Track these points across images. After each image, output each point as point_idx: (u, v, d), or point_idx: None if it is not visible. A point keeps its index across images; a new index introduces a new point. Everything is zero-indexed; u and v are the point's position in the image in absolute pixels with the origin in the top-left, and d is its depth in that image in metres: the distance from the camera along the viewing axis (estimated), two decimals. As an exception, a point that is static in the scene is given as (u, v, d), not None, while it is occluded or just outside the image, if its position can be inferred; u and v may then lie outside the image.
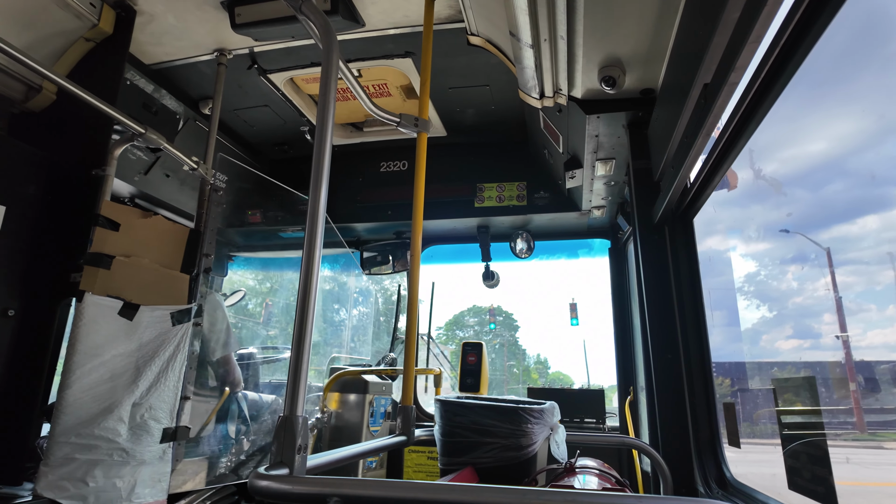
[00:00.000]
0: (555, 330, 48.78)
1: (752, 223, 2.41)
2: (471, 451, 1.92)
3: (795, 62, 1.39)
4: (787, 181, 2.20)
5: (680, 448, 2.29)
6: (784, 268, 2.55)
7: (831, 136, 1.88)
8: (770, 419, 2.52)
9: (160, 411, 2.43)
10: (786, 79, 1.45)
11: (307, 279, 1.40)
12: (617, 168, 3.08)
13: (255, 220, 4.35)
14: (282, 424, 1.21)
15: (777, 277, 2.75)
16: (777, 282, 2.80)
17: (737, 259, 2.96)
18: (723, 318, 2.53)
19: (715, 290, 2.43)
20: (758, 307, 3.36)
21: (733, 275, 2.87)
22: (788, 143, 1.91)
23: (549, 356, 40.04)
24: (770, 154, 1.82)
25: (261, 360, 4.24)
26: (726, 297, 2.64)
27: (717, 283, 2.52)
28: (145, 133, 2.48)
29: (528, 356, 35.87)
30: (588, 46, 2.21)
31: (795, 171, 2.34)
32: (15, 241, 2.27)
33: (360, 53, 3.02)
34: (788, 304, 2.69)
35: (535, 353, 41.40)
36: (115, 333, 2.34)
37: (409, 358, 2.15)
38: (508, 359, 34.32)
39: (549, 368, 35.39)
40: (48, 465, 2.09)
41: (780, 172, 2.14)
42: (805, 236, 2.12)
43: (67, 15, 2.51)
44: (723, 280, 2.67)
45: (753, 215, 2.34)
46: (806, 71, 1.44)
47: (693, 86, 1.70)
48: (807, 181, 2.44)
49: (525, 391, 3.93)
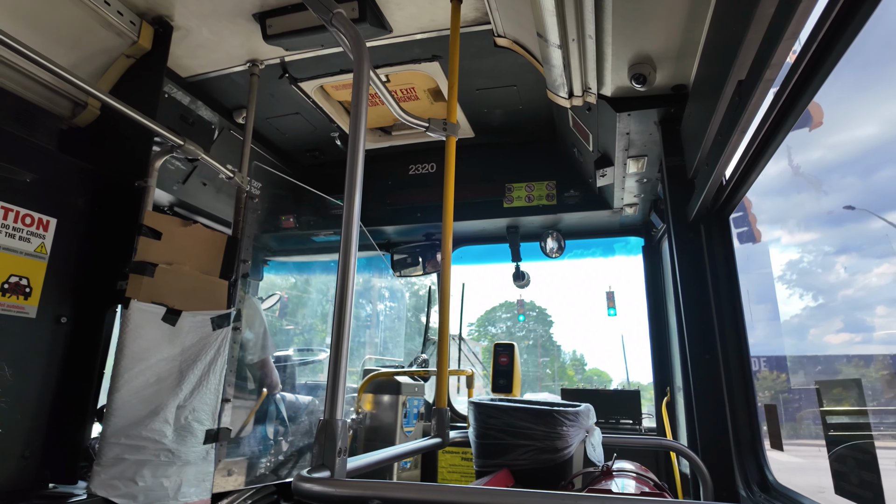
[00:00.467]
0: (591, 326, 47.66)
1: (799, 209, 2.33)
2: (506, 454, 1.92)
3: (836, 54, 1.34)
4: (834, 168, 2.12)
5: (720, 450, 2.24)
6: (835, 256, 2.44)
7: (883, 118, 1.79)
8: (813, 421, 2.44)
9: (203, 413, 2.51)
10: (826, 71, 1.41)
11: (343, 284, 1.43)
12: (649, 165, 3.03)
13: (288, 225, 4.44)
14: (322, 428, 1.24)
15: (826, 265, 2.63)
16: (826, 270, 2.68)
17: (781, 247, 2.86)
18: (763, 311, 2.47)
19: (756, 280, 2.37)
20: (802, 297, 3.22)
21: (772, 265, 2.80)
22: (835, 129, 1.84)
23: (585, 353, 37.95)
24: (815, 140, 1.76)
25: (297, 363, 4.33)
26: (766, 286, 2.58)
27: (760, 274, 2.45)
28: (184, 144, 2.57)
29: (563, 352, 34.83)
30: (617, 45, 2.19)
31: (843, 158, 2.24)
32: (66, 251, 2.38)
33: (387, 59, 3.06)
34: (838, 296, 2.59)
35: (570, 349, 39.93)
36: (160, 338, 2.43)
37: (442, 360, 2.16)
38: (542, 355, 33.52)
39: (585, 365, 34.09)
40: (100, 464, 2.19)
41: (827, 159, 2.07)
42: (877, 215, 2.01)
43: (109, 34, 2.62)
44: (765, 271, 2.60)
45: (799, 202, 2.26)
46: (853, 54, 1.37)
47: (727, 82, 1.67)
48: (856, 167, 2.33)
49: (559, 389, 3.91)
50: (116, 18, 2.58)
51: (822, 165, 2.10)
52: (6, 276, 2.18)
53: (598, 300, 18.57)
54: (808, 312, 2.69)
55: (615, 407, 3.88)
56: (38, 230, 2.30)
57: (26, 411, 2.21)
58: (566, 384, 30.56)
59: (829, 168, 2.10)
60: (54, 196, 2.35)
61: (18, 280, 2.22)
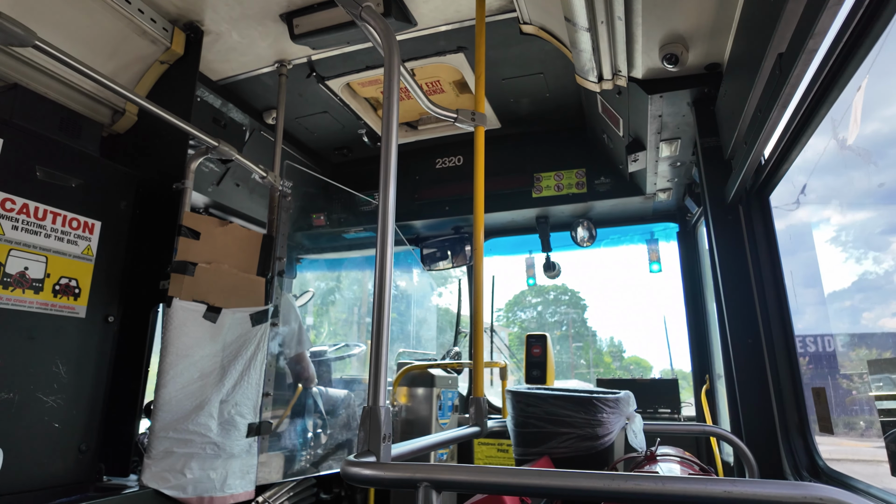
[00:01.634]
0: (629, 311, 45.65)
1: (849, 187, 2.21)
2: (546, 441, 1.92)
3: (885, 18, 1.29)
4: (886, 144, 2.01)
5: (765, 435, 2.19)
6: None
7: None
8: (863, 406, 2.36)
9: (245, 407, 2.58)
10: (875, 36, 1.35)
11: (381, 277, 1.45)
12: (683, 148, 2.97)
13: (319, 223, 4.51)
14: (366, 415, 1.26)
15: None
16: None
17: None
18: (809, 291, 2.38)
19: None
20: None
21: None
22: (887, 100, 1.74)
23: (623, 339, 35.63)
24: (867, 113, 1.67)
25: (333, 357, 4.40)
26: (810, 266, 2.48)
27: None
28: (218, 146, 2.63)
29: (598, 339, 32.53)
30: (647, 25, 2.14)
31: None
32: (111, 253, 2.47)
33: (413, 53, 3.07)
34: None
35: (607, 336, 37.70)
36: (202, 335, 2.50)
37: (477, 351, 2.17)
38: (575, 341, 31.47)
39: (623, 352, 31.76)
40: (150, 457, 2.28)
41: (883, 132, 1.97)
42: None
43: (144, 41, 2.70)
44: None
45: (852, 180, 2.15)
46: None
47: (766, 56, 1.62)
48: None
49: (594, 379, 3.83)
50: (150, 26, 2.65)
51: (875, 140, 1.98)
52: (57, 278, 2.27)
53: (636, 283, 17.09)
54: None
55: (653, 396, 3.82)
56: (84, 233, 2.39)
57: (81, 407, 2.31)
58: (602, 372, 29.15)
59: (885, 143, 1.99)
60: (98, 200, 2.44)
61: (68, 281, 2.32)
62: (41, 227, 2.23)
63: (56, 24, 2.43)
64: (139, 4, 2.60)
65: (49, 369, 2.20)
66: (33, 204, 2.20)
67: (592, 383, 4.13)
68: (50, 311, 2.23)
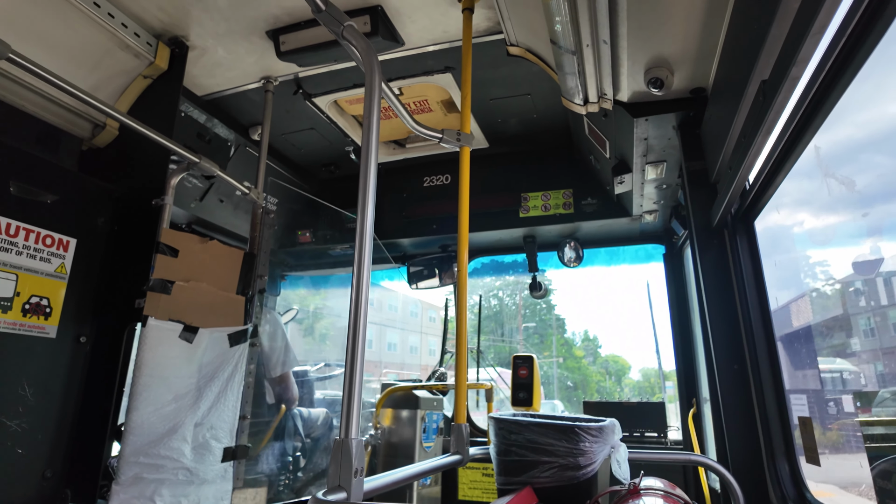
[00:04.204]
0: (609, 307, 42.60)
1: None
2: (528, 470, 1.86)
3: (870, 44, 1.28)
4: (863, 147, 1.99)
5: (751, 466, 2.15)
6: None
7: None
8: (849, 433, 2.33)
9: (221, 431, 2.50)
10: (858, 63, 1.34)
11: (357, 298, 1.41)
12: (668, 171, 2.97)
13: (304, 239, 4.45)
14: (338, 448, 1.20)
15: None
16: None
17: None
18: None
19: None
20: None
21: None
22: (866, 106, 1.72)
23: (600, 335, 30.37)
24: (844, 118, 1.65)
25: (315, 378, 4.31)
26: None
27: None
28: (200, 162, 2.58)
29: (565, 327, 27.72)
30: (633, 49, 2.15)
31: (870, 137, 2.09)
32: (85, 271, 2.40)
33: (400, 72, 3.06)
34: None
35: (581, 328, 32.27)
36: (177, 356, 2.43)
37: (460, 374, 2.12)
38: (528, 320, 25.08)
39: (599, 347, 28.02)
40: (119, 483, 2.18)
41: (857, 137, 1.95)
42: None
43: (127, 55, 2.66)
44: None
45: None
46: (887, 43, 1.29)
47: (749, 82, 1.61)
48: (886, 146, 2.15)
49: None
50: (134, 40, 2.62)
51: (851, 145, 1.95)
52: (27, 297, 2.20)
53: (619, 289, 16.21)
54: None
55: (640, 419, 3.78)
56: (58, 250, 2.33)
57: (47, 431, 2.22)
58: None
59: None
60: (75, 216, 2.38)
61: (39, 300, 2.24)
62: (13, 244, 2.16)
63: (37, 36, 2.39)
64: (123, 18, 2.57)
65: (15, 392, 2.11)
66: (5, 220, 2.14)
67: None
68: (18, 332, 2.15)
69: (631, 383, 27.37)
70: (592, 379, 26.40)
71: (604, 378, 26.79)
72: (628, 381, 27.39)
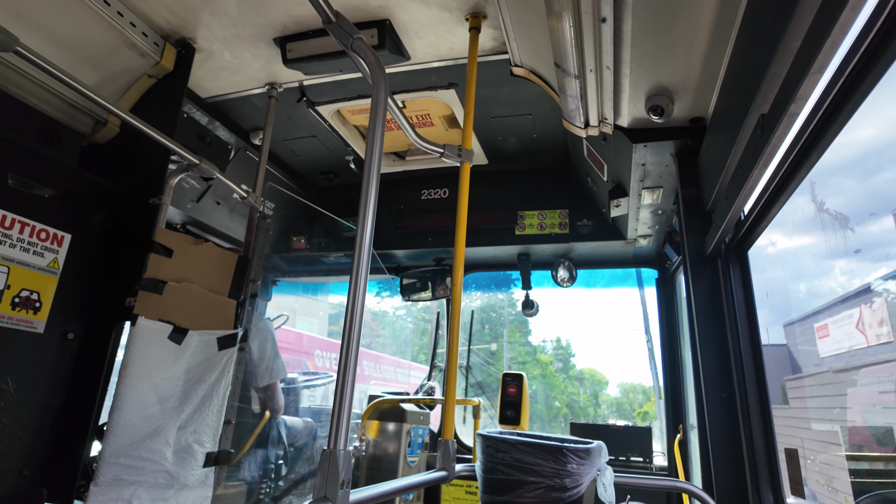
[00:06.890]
0: (588, 323, 40.03)
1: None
2: (513, 490, 1.85)
3: (868, 84, 1.31)
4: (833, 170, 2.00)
5: (736, 495, 2.15)
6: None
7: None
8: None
9: (204, 435, 2.46)
10: (857, 101, 1.37)
11: (353, 308, 1.40)
12: (664, 197, 3.00)
13: (299, 246, 4.44)
14: (325, 458, 1.19)
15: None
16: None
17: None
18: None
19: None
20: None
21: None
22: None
23: (574, 345, 27.21)
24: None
25: (302, 386, 4.28)
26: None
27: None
28: (200, 163, 2.58)
29: (530, 330, 25.16)
30: (635, 76, 2.18)
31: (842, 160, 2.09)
32: (78, 267, 2.38)
33: (404, 85, 3.09)
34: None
35: (552, 335, 28.58)
36: (165, 357, 2.40)
37: (449, 390, 2.11)
38: (485, 322, 22.28)
39: (572, 356, 25.21)
40: (97, 484, 2.15)
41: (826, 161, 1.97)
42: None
43: (133, 54, 2.67)
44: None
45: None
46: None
47: (748, 115, 1.64)
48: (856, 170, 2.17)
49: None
50: (141, 40, 2.63)
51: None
52: (17, 290, 2.17)
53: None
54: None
55: (626, 444, 3.77)
56: (52, 245, 2.31)
57: (28, 428, 2.18)
58: (574, 422, 25.92)
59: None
60: (71, 212, 2.36)
61: (29, 294, 2.22)
62: (6, 237, 2.14)
63: (44, 30, 2.40)
64: (132, 18, 2.58)
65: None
66: (1, 212, 2.12)
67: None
68: (5, 325, 2.12)
69: (609, 400, 25.40)
70: (561, 389, 23.78)
71: (577, 391, 24.67)
72: (605, 398, 25.46)
